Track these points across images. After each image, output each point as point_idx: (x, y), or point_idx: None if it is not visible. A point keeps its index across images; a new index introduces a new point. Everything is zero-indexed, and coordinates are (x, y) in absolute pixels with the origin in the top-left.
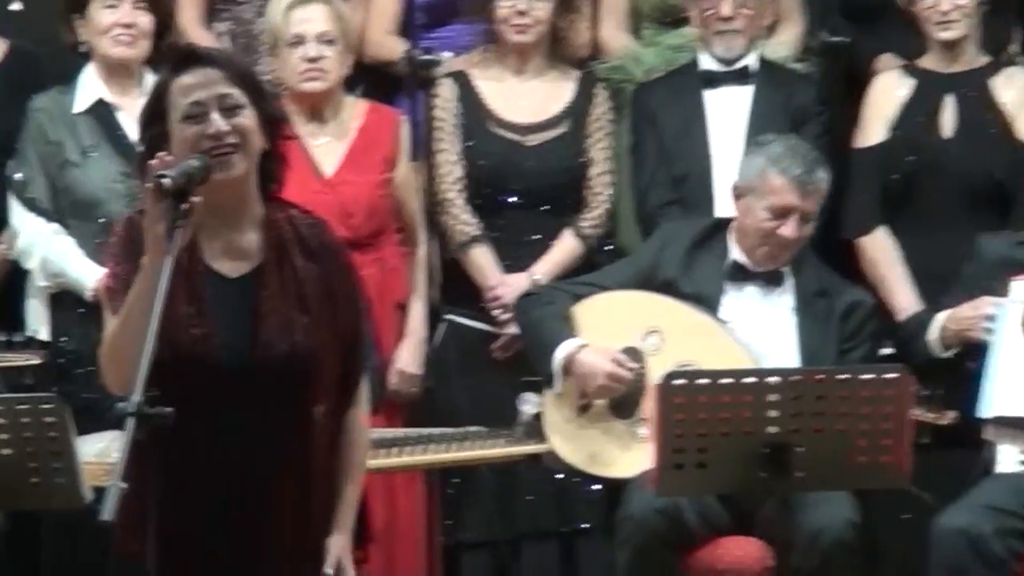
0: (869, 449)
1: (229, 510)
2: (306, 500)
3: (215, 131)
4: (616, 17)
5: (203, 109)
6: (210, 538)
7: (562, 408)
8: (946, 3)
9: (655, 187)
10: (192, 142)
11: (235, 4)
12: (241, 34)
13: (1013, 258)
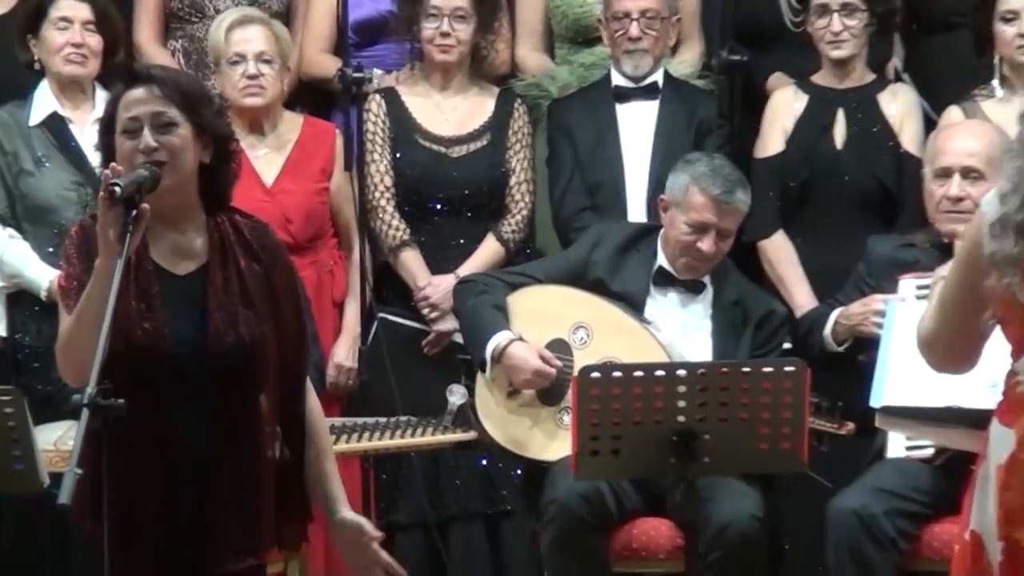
0: (770, 436)
1: (180, 492)
2: (252, 482)
3: (144, 146)
4: (532, 37)
5: (138, 124)
6: (162, 518)
7: (493, 391)
8: (837, 25)
9: (570, 194)
10: (127, 155)
11: (188, 23)
12: (193, 51)
13: (900, 258)
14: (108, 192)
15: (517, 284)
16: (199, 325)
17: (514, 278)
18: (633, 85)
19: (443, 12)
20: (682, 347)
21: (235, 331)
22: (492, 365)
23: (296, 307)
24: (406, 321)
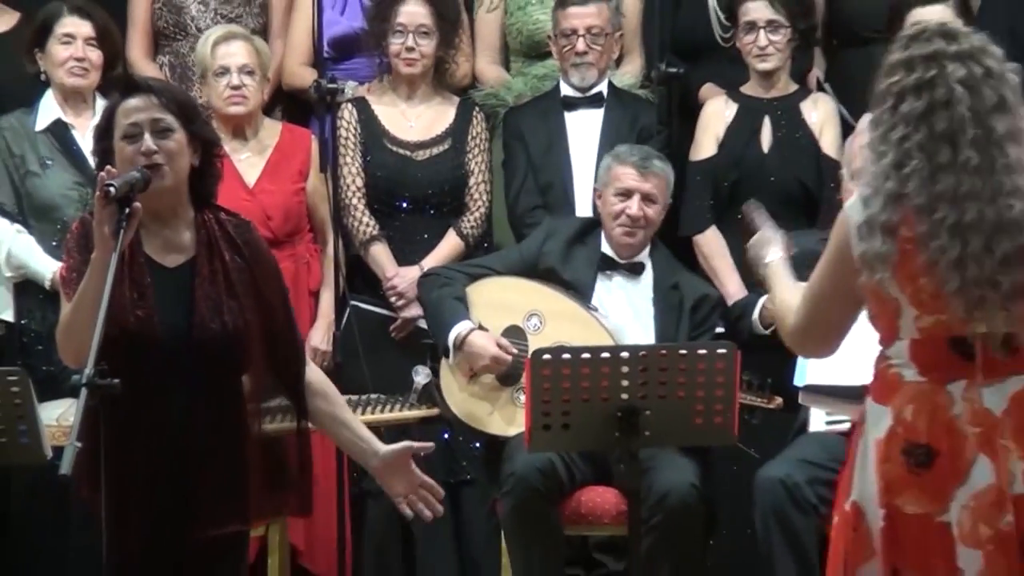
0: (704, 412)
1: (170, 464)
2: (236, 455)
3: (145, 149)
4: (490, 52)
5: (138, 130)
6: (153, 487)
7: (456, 375)
8: (763, 40)
9: (524, 194)
10: (128, 158)
11: (173, 40)
12: (177, 65)
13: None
14: (104, 192)
15: (476, 275)
16: (187, 313)
17: (473, 270)
18: (580, 95)
19: (408, 29)
20: (628, 329)
21: (219, 319)
22: (454, 352)
23: (282, 294)
24: (376, 308)
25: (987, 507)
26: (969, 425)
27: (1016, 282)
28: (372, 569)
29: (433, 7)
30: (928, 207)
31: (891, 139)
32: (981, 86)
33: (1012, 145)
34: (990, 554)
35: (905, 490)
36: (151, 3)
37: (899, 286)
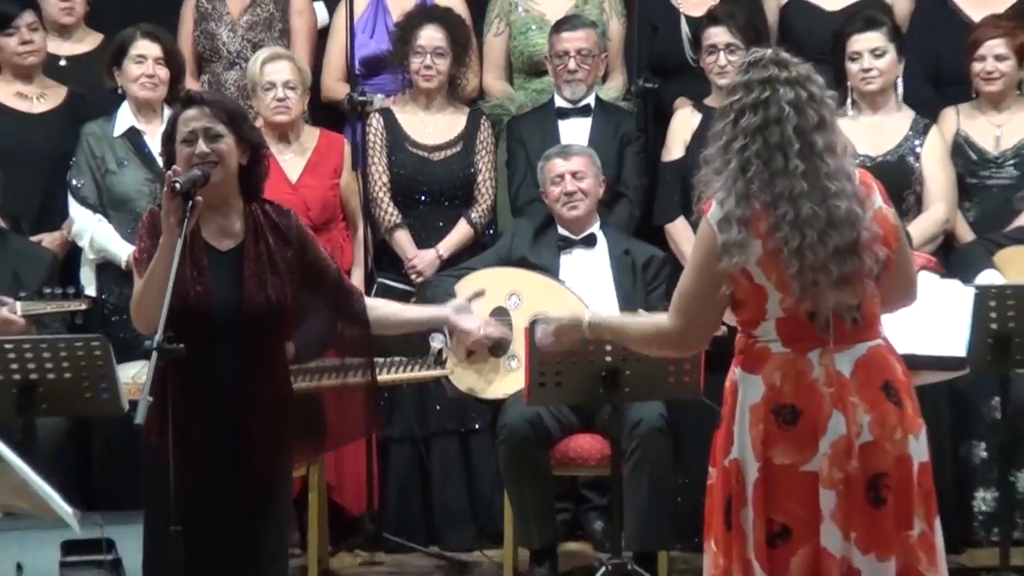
0: (675, 372)
1: (223, 415)
2: (278, 408)
3: (199, 152)
4: (497, 70)
5: (194, 136)
6: (210, 434)
7: (455, 354)
8: (723, 60)
9: (524, 188)
10: (187, 159)
11: (209, 63)
12: (214, 83)
13: None
14: (170, 188)
15: (462, 275)
16: (237, 289)
17: (460, 271)
18: (571, 106)
19: (426, 50)
20: (592, 294)
21: (264, 294)
22: (449, 336)
23: (325, 262)
24: (398, 284)
25: (840, 454)
26: (825, 386)
27: (844, 271)
28: (395, 504)
29: (448, 32)
30: (772, 204)
31: (733, 148)
32: (806, 107)
33: (830, 157)
34: (841, 494)
35: (776, 444)
36: (192, 32)
37: (765, 274)
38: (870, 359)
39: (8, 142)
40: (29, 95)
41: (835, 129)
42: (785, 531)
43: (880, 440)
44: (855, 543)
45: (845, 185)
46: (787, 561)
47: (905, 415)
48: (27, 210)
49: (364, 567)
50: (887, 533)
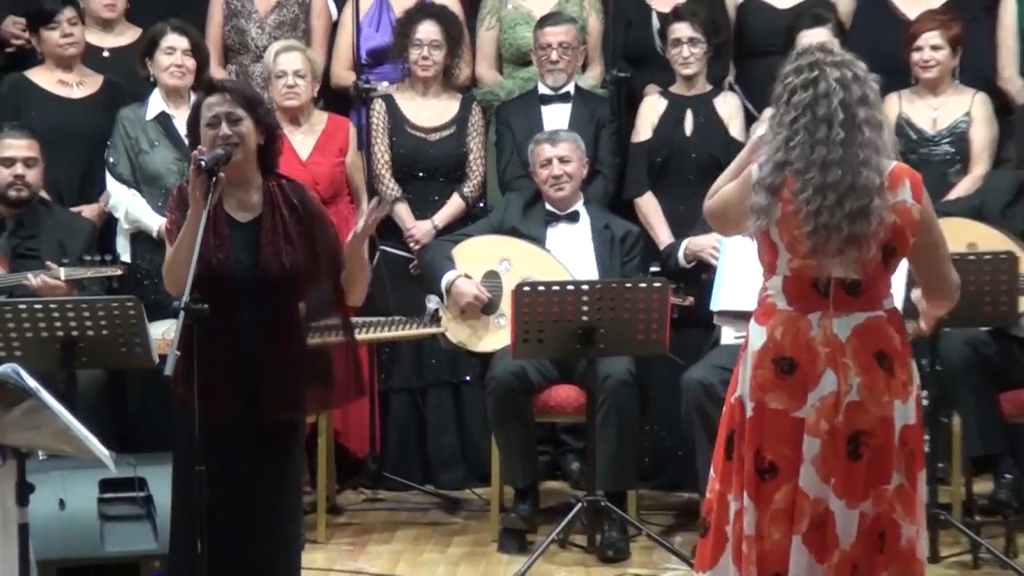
0: (644, 330)
1: (243, 368)
2: (291, 362)
3: (223, 134)
4: (488, 60)
5: (217, 119)
6: (230, 385)
7: (449, 311)
8: (686, 52)
9: (511, 166)
10: (211, 140)
11: (237, 54)
12: (241, 73)
13: None
14: (196, 166)
15: (458, 241)
16: (254, 256)
17: (456, 237)
18: (553, 93)
19: (424, 43)
20: (575, 263)
21: (279, 260)
22: (446, 295)
23: (333, 236)
24: (398, 251)
25: (828, 408)
26: (822, 345)
27: (853, 232)
28: (394, 448)
29: (443, 27)
30: (804, 170)
31: (785, 122)
32: (851, 84)
33: (869, 129)
34: (825, 443)
35: (772, 390)
36: (222, 26)
37: (779, 234)
38: (867, 327)
39: (51, 124)
40: (69, 82)
41: (878, 106)
42: (773, 467)
43: (866, 401)
44: (832, 488)
45: (871, 156)
46: (771, 495)
47: (894, 381)
48: (68, 185)
49: (367, 503)
50: (860, 484)
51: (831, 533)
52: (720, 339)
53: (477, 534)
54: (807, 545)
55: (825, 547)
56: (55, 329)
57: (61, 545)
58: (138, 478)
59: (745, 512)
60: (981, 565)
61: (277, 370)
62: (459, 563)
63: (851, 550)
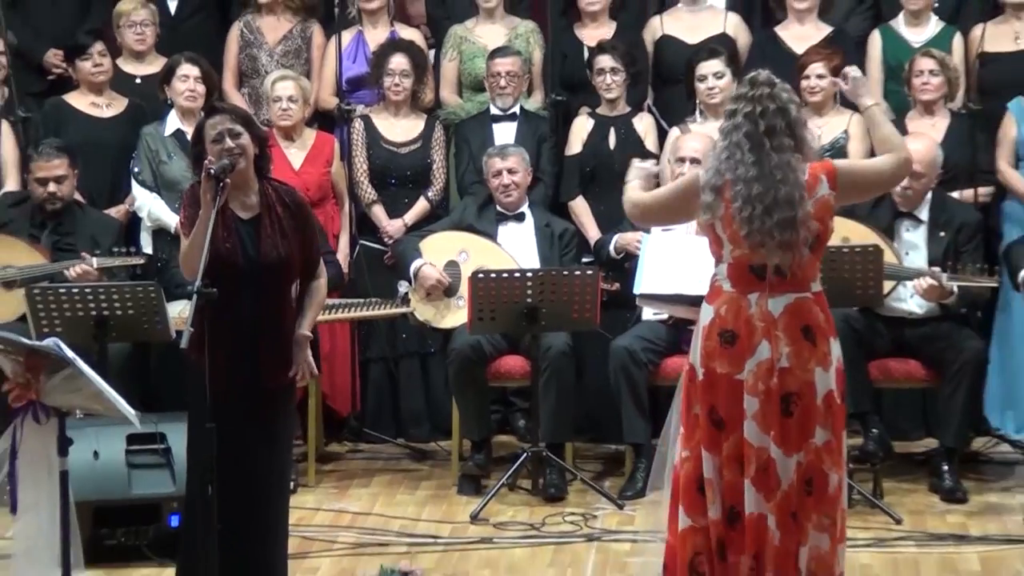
0: (578, 310)
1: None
2: (286, 335)
3: (227, 147)
4: (449, 86)
5: (221, 136)
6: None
7: (417, 294)
8: (609, 79)
9: (467, 174)
10: (217, 152)
11: (249, 78)
12: (252, 94)
13: None
14: (207, 173)
15: (425, 236)
16: (256, 247)
17: (422, 233)
18: (502, 114)
19: (395, 72)
20: (520, 257)
21: (276, 251)
22: (414, 280)
23: (314, 234)
24: (375, 245)
25: (764, 372)
26: (758, 321)
27: (783, 239)
28: (371, 407)
29: (411, 59)
30: (734, 181)
31: (724, 137)
32: (761, 119)
33: (778, 153)
34: (762, 401)
35: (718, 358)
36: (237, 55)
37: (723, 228)
38: (796, 307)
39: (84, 139)
40: (100, 104)
41: (791, 133)
42: (721, 422)
43: (794, 368)
44: (772, 439)
45: (787, 174)
46: (721, 444)
47: (817, 352)
48: (99, 190)
49: (350, 454)
50: (793, 436)
51: (774, 476)
52: (641, 316)
53: (440, 479)
54: (755, 486)
55: (770, 488)
56: (89, 309)
57: (95, 489)
58: (159, 433)
59: (704, 460)
60: (854, 505)
61: (273, 342)
62: (425, 504)
63: (789, 490)
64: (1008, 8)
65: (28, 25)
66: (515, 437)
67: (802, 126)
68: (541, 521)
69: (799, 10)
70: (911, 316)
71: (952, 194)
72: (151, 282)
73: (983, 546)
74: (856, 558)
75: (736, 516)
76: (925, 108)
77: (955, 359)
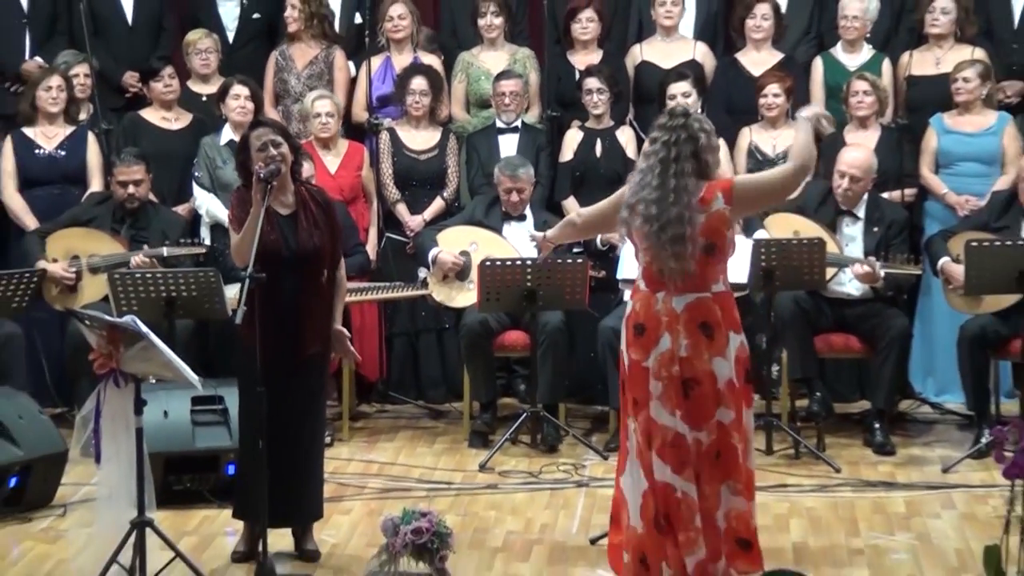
0: (570, 293)
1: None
2: (321, 310)
3: (271, 155)
4: (459, 103)
5: (265, 144)
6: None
7: (434, 278)
8: (595, 98)
9: (476, 178)
10: (262, 159)
11: (283, 99)
12: (284, 111)
13: None
14: (258, 177)
15: (441, 229)
16: (294, 239)
17: (439, 227)
18: (506, 127)
19: (416, 92)
20: (521, 248)
21: (311, 241)
22: (432, 265)
23: (339, 230)
24: (399, 237)
25: (666, 360)
26: (663, 316)
27: (674, 252)
28: (396, 374)
29: (429, 80)
30: (638, 202)
31: (643, 160)
32: (684, 143)
33: (678, 178)
34: (665, 385)
35: (631, 347)
36: (272, 78)
37: (636, 239)
38: (696, 305)
39: (155, 149)
40: (169, 118)
41: (696, 158)
42: (636, 402)
43: (692, 358)
44: (680, 418)
45: (682, 197)
46: (637, 419)
47: (714, 344)
48: (168, 191)
49: (377, 413)
50: (695, 415)
51: (685, 450)
52: (624, 298)
53: (454, 435)
54: (661, 458)
55: (680, 461)
56: (160, 292)
57: (165, 442)
58: (218, 395)
59: (633, 433)
60: (801, 456)
61: (310, 317)
62: (441, 455)
63: (697, 462)
64: (931, 38)
65: (109, 52)
66: (516, 399)
67: (710, 151)
68: (539, 470)
69: (756, 40)
70: (849, 298)
71: (883, 195)
72: (211, 268)
73: (908, 492)
74: (802, 501)
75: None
76: (860, 123)
77: (885, 334)
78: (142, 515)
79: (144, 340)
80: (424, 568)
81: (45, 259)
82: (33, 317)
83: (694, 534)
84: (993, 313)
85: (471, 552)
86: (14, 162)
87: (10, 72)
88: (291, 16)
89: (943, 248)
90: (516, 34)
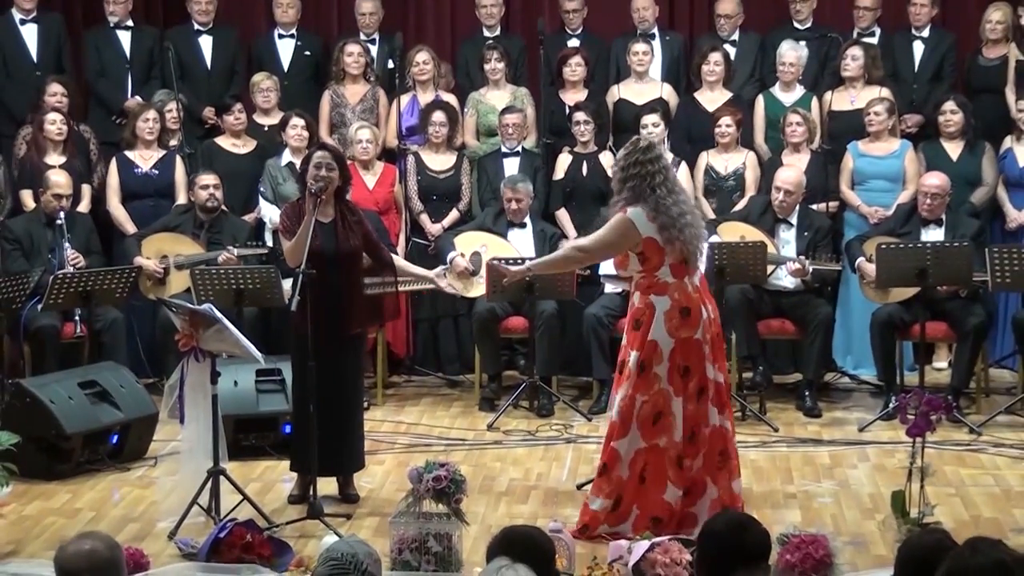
0: (562, 285)
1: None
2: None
3: (320, 175)
4: (470, 133)
5: (319, 164)
6: (327, 311)
7: (452, 275)
8: (582, 127)
9: (485, 194)
10: (313, 176)
11: (338, 128)
12: (339, 139)
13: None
14: (310, 191)
15: (457, 234)
16: (335, 241)
17: (455, 232)
18: (510, 152)
19: (436, 123)
20: (523, 250)
21: (348, 244)
22: (449, 265)
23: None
24: (422, 241)
25: (708, 324)
26: (694, 293)
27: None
28: (421, 350)
29: (447, 115)
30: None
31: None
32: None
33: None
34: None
35: (681, 328)
36: (328, 112)
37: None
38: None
39: (228, 169)
40: (238, 145)
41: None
42: (687, 370)
43: (716, 318)
44: (718, 369)
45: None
46: (687, 384)
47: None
48: (237, 203)
49: (405, 383)
50: (721, 363)
51: (723, 394)
52: (604, 290)
53: (467, 401)
54: (716, 407)
55: (722, 404)
56: (231, 284)
57: (235, 406)
58: (277, 368)
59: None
60: (747, 418)
61: (350, 306)
62: (456, 418)
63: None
64: (847, 80)
65: (193, 91)
66: (518, 372)
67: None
68: (535, 430)
69: (710, 82)
70: (785, 290)
71: (812, 206)
72: (272, 266)
73: (831, 448)
74: (747, 455)
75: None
76: (794, 148)
77: (813, 319)
78: (217, 465)
79: (218, 324)
80: (443, 509)
81: (141, 258)
82: (131, 305)
83: (736, 461)
84: (899, 302)
85: (481, 496)
86: (118, 179)
87: (116, 107)
88: (351, 63)
89: (859, 250)
90: (516, 76)
